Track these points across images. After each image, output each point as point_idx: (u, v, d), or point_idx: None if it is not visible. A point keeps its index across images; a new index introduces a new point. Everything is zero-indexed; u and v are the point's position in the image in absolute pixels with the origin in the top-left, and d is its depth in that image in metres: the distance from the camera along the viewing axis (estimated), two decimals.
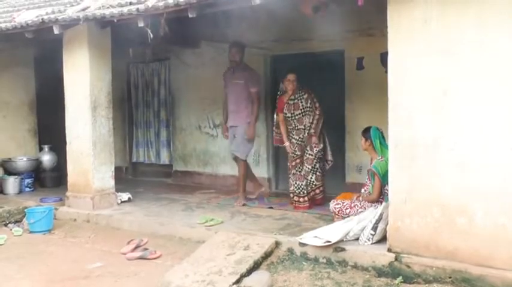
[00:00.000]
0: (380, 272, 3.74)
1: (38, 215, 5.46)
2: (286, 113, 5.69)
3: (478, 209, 3.40)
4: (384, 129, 3.87)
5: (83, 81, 5.83)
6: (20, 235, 5.34)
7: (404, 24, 3.62)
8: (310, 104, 5.63)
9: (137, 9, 4.86)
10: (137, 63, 8.32)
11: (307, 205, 5.62)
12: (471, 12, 3.37)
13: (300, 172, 5.67)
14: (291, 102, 5.67)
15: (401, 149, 3.69)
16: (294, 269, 3.91)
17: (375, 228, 3.99)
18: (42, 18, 5.69)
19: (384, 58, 4.18)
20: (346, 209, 4.69)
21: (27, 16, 6.09)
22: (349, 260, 3.91)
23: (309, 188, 5.68)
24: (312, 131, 5.61)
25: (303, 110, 5.63)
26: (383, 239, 3.94)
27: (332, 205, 4.79)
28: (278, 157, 7.23)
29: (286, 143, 5.75)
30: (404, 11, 3.60)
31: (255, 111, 6.00)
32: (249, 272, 3.83)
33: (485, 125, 3.37)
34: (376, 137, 4.67)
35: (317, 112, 5.62)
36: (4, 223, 5.80)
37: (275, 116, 5.98)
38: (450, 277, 3.46)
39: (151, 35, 4.93)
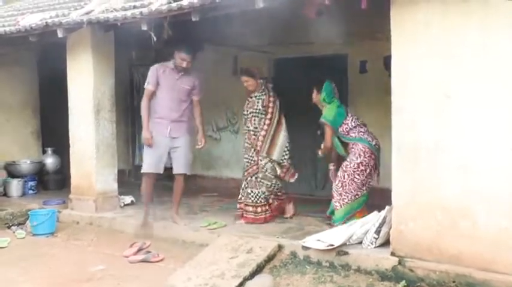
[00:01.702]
0: (383, 276, 3.73)
1: (41, 218, 5.47)
2: (244, 111, 5.33)
3: (481, 212, 3.38)
4: (387, 132, 3.87)
5: (87, 85, 5.85)
6: (23, 238, 5.35)
7: (407, 28, 3.62)
8: (263, 106, 5.17)
9: (141, 13, 4.88)
10: (140, 66, 8.33)
11: (268, 214, 5.16)
12: (474, 15, 3.37)
13: (256, 179, 5.16)
14: (250, 99, 5.28)
15: (404, 152, 3.68)
16: (297, 273, 3.90)
17: (378, 231, 3.98)
18: (46, 22, 5.72)
19: (387, 62, 4.18)
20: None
21: (31, 20, 6.13)
22: (352, 263, 3.90)
23: (264, 200, 5.16)
24: (259, 135, 5.13)
25: (255, 110, 5.19)
26: (386, 242, 3.93)
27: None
28: None
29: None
30: (407, 14, 3.61)
31: (203, 120, 5.46)
32: (252, 275, 3.83)
33: (488, 127, 3.35)
34: (325, 90, 5.00)
35: (268, 117, 5.17)
36: (7, 225, 5.82)
37: None
38: (454, 282, 3.43)
39: (155, 38, 4.95)
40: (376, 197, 5.64)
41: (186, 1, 4.58)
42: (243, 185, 5.28)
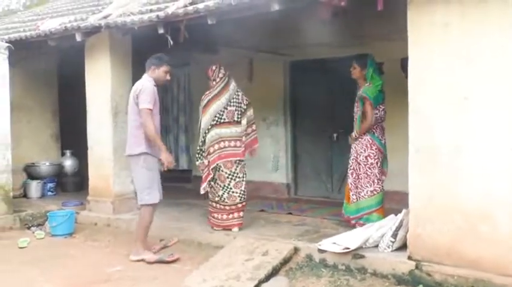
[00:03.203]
0: (400, 280, 3.69)
1: (60, 219, 5.55)
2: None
3: (502, 216, 3.32)
4: (404, 134, 3.83)
5: (104, 88, 5.92)
6: (42, 238, 5.43)
7: (424, 29, 3.58)
8: None
9: (157, 16, 4.92)
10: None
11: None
12: (492, 15, 3.32)
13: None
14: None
15: (422, 154, 3.64)
16: (313, 276, 3.88)
17: (395, 235, 3.94)
18: (65, 26, 5.82)
19: (404, 63, 4.14)
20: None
21: (50, 24, 6.24)
22: (369, 267, 3.87)
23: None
24: None
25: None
26: (403, 246, 3.89)
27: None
28: (297, 162, 7.22)
29: None
30: (425, 15, 3.57)
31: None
32: (268, 278, 3.82)
33: (509, 130, 3.30)
34: (371, 66, 4.87)
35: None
36: (27, 226, 5.91)
37: None
38: None
39: (171, 42, 4.98)
40: (392, 201, 5.62)
41: (202, 4, 4.61)
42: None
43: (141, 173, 4.54)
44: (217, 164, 4.90)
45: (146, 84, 4.55)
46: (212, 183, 4.97)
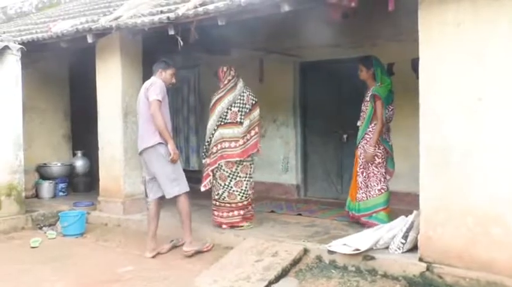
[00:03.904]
0: (411, 282, 3.66)
1: (71, 219, 5.60)
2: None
3: None
4: (415, 135, 3.81)
5: (115, 88, 5.96)
6: (54, 238, 5.48)
7: (435, 28, 3.55)
8: None
9: (168, 18, 4.94)
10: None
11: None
12: (505, 13, 3.27)
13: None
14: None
15: (433, 155, 3.61)
16: (323, 277, 3.87)
17: (405, 236, 3.92)
18: (76, 28, 5.88)
19: (415, 64, 4.12)
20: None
21: (62, 26, 6.30)
22: (379, 269, 3.85)
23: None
24: None
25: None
26: (414, 248, 3.86)
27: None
28: (307, 163, 7.21)
29: None
30: (436, 14, 3.54)
31: None
32: (277, 279, 3.82)
33: None
34: (377, 65, 4.92)
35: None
36: (39, 226, 5.97)
37: None
38: None
39: (182, 43, 5.00)
40: (403, 202, 5.59)
41: (212, 6, 4.63)
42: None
43: (163, 165, 4.56)
44: (218, 164, 4.99)
45: (156, 80, 4.70)
46: (214, 181, 5.07)
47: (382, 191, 4.87)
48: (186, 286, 3.85)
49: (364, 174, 4.93)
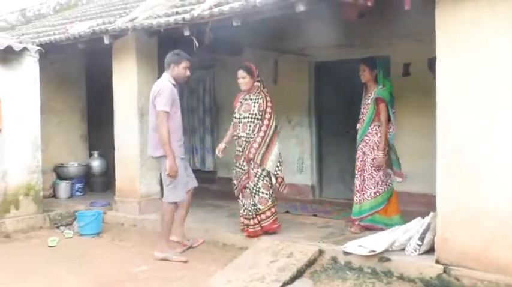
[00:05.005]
0: (427, 285, 3.62)
1: (88, 219, 5.65)
2: (235, 113, 4.86)
3: None
4: (431, 136, 3.76)
5: (131, 89, 6.01)
6: (71, 237, 5.55)
7: (452, 27, 3.51)
8: (260, 111, 4.67)
9: (183, 19, 4.97)
10: None
11: (258, 228, 4.72)
12: None
13: (248, 189, 4.75)
14: (244, 101, 4.80)
15: (450, 156, 3.56)
16: (338, 279, 3.84)
17: (422, 238, 3.87)
18: (93, 29, 5.94)
19: (431, 63, 4.07)
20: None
21: (79, 27, 6.38)
22: (395, 270, 3.81)
23: (254, 213, 4.72)
24: (253, 142, 4.65)
25: (251, 115, 4.70)
26: (431, 250, 3.81)
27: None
28: (322, 163, 7.17)
29: (219, 147, 4.96)
30: (453, 13, 3.50)
31: None
32: (292, 280, 3.81)
33: None
34: (380, 67, 4.82)
35: (265, 123, 4.64)
36: (56, 225, 6.05)
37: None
38: None
39: (197, 44, 5.02)
40: (419, 203, 5.52)
41: (227, 6, 4.63)
42: (240, 197, 4.86)
43: (165, 174, 4.59)
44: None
45: (164, 86, 4.54)
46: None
47: (377, 194, 4.80)
48: (200, 286, 3.86)
49: (362, 177, 4.86)
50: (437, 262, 3.64)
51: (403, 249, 3.97)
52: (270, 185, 4.68)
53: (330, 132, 7.05)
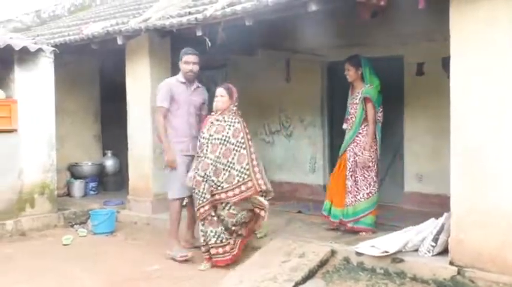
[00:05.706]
0: (441, 286, 3.58)
1: (101, 218, 5.70)
2: (203, 133, 4.38)
3: None
4: (445, 136, 3.73)
5: (144, 89, 6.05)
6: (85, 236, 5.60)
7: (467, 26, 3.47)
8: (235, 137, 4.29)
9: (196, 19, 4.99)
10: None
11: (234, 253, 4.34)
12: None
13: (213, 216, 4.29)
14: (216, 122, 4.37)
15: (464, 155, 3.52)
16: (350, 279, 3.83)
17: (435, 239, 3.84)
18: (107, 30, 6.00)
19: (445, 63, 4.03)
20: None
21: (93, 28, 6.44)
22: (408, 271, 3.78)
23: (227, 235, 4.30)
24: (254, 173, 4.24)
25: (223, 137, 4.28)
26: (444, 251, 3.78)
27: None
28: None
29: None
30: (468, 12, 3.46)
31: None
32: (304, 280, 3.80)
33: None
34: (366, 65, 4.78)
35: (251, 150, 4.32)
36: (70, 224, 6.11)
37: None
38: None
39: (209, 44, 5.04)
40: (433, 204, 5.47)
41: (239, 6, 4.64)
42: (200, 226, 4.39)
43: (166, 170, 4.79)
44: None
45: (163, 83, 4.81)
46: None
47: (370, 195, 4.77)
48: (212, 285, 3.87)
49: (353, 178, 4.80)
50: (451, 263, 3.60)
51: (417, 250, 3.94)
52: (235, 214, 4.29)
53: (343, 133, 6.99)
